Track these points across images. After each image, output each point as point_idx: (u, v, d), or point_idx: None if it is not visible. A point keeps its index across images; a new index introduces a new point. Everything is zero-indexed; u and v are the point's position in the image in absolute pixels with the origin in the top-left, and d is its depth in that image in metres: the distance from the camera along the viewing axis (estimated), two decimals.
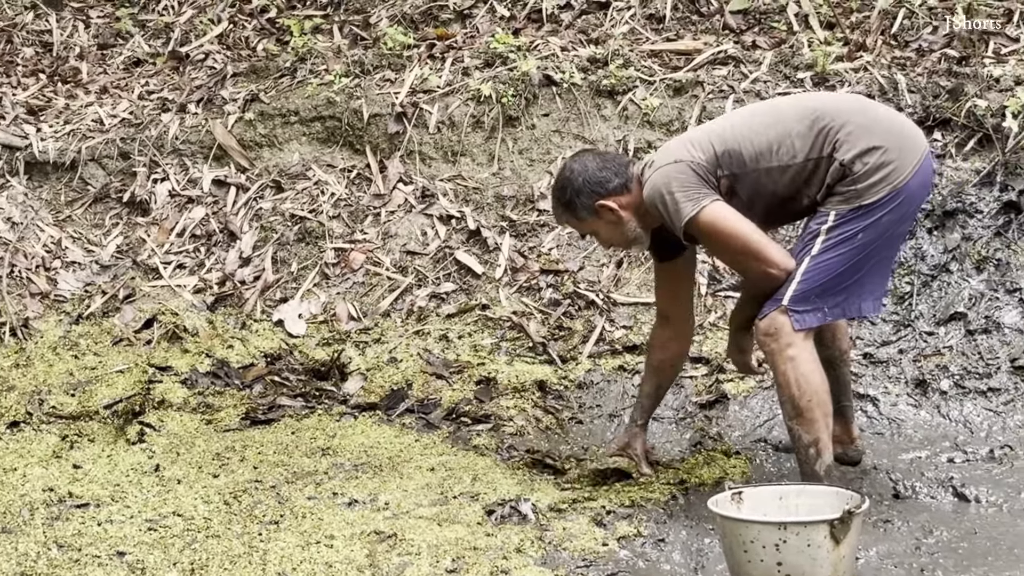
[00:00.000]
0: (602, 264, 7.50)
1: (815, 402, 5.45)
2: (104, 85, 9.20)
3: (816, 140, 5.43)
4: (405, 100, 8.27)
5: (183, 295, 7.86)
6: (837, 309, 5.51)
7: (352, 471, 6.11)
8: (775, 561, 4.59)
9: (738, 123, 5.65)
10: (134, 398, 6.86)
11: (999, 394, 6.50)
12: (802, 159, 5.45)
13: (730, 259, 5.71)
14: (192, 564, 5.10)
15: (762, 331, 5.49)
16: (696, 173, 5.49)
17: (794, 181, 5.50)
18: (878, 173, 5.35)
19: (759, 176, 5.52)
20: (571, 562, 5.15)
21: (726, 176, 5.52)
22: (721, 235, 5.51)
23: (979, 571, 5.03)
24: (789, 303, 5.43)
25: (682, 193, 5.47)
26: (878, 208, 5.37)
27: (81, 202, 8.53)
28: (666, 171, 5.54)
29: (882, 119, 5.50)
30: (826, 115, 5.45)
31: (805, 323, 5.44)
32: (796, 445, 5.53)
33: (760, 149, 5.50)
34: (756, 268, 5.52)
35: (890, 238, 5.49)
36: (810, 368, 5.47)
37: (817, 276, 5.43)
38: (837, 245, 5.41)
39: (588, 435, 6.59)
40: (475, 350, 7.20)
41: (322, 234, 7.99)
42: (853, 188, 5.38)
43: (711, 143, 5.55)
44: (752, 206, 5.55)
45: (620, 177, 5.73)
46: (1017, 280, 6.83)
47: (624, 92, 7.99)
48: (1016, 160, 7.10)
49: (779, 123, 5.52)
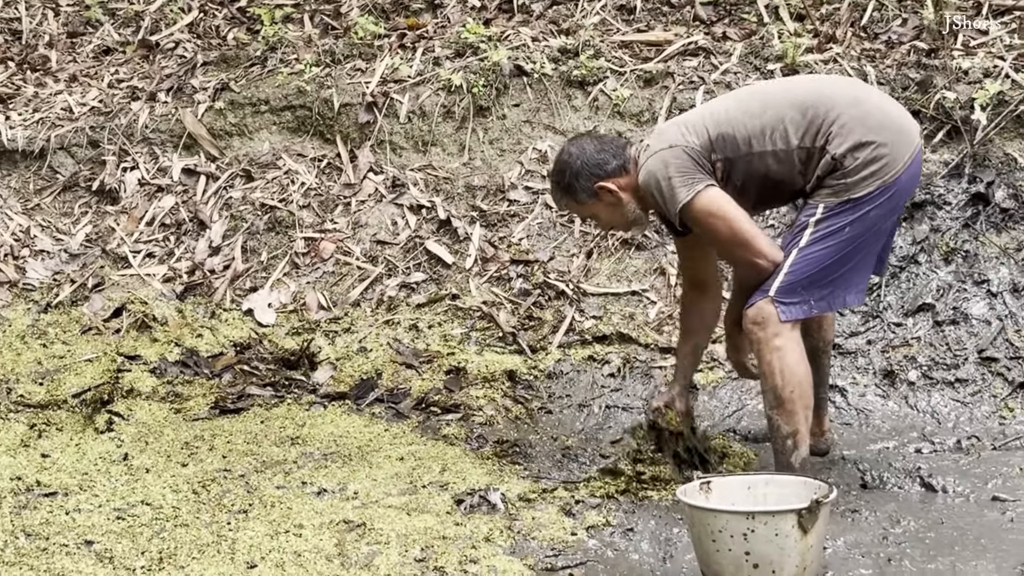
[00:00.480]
0: (572, 255, 7.51)
1: (797, 394, 5.46)
2: (74, 73, 9.16)
3: (809, 129, 5.41)
4: (376, 90, 8.26)
5: (152, 284, 7.84)
6: (823, 302, 5.51)
7: (321, 460, 6.10)
8: (743, 550, 4.60)
9: (732, 106, 5.63)
10: (103, 387, 6.84)
11: (966, 385, 6.54)
12: (795, 145, 5.43)
13: (720, 246, 5.69)
14: (160, 553, 5.08)
15: (750, 319, 5.49)
16: (691, 157, 5.48)
17: (786, 166, 5.48)
18: (869, 168, 5.34)
19: (752, 160, 5.50)
20: (540, 551, 5.16)
21: (720, 160, 5.51)
22: (713, 221, 5.50)
23: (946, 561, 5.05)
24: (776, 294, 5.43)
25: (678, 178, 5.46)
26: (867, 202, 5.36)
27: (50, 190, 8.50)
28: (662, 155, 5.52)
29: (876, 111, 5.47)
30: (821, 104, 5.43)
31: (791, 315, 5.44)
32: (774, 435, 5.53)
33: (753, 133, 5.48)
34: (745, 258, 5.52)
35: (877, 232, 5.49)
36: (795, 359, 5.47)
37: (804, 268, 5.43)
38: (825, 238, 5.40)
39: (557, 425, 6.60)
40: (445, 340, 7.20)
41: (292, 223, 7.98)
42: (843, 182, 5.37)
43: (705, 127, 5.54)
44: (745, 190, 5.55)
45: (618, 159, 5.72)
46: (985, 272, 6.86)
47: (595, 83, 8.00)
48: (984, 152, 7.13)
49: (773, 107, 5.50)
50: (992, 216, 7.00)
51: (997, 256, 6.90)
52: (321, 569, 4.94)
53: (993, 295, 6.79)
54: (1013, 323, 6.69)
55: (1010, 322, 6.69)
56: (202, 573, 4.90)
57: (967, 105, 7.21)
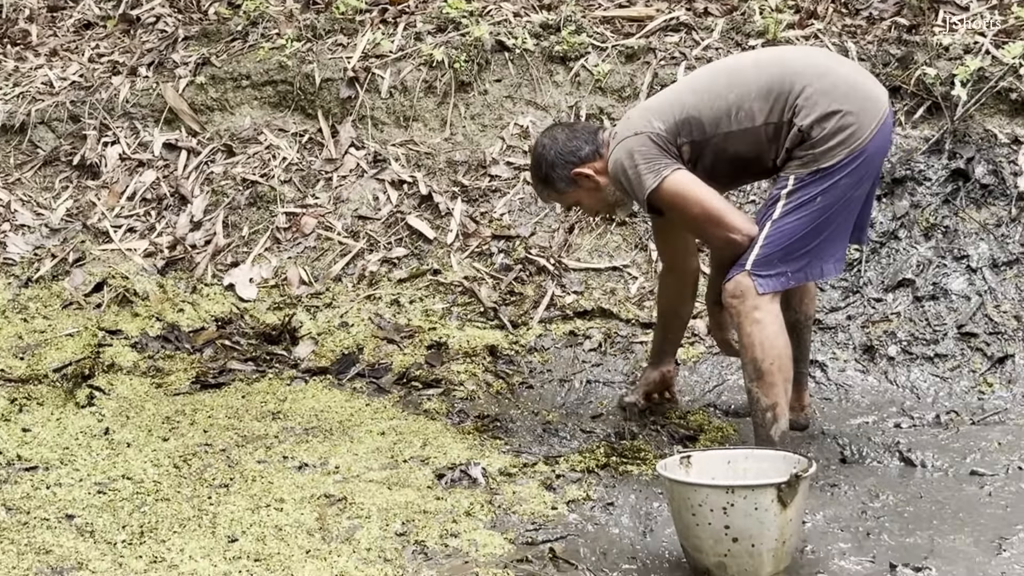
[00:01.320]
0: (554, 230, 7.51)
1: (777, 366, 5.48)
2: (54, 48, 9.14)
3: (775, 105, 5.44)
4: (357, 65, 8.25)
5: (133, 259, 7.83)
6: (800, 273, 5.54)
7: (302, 435, 6.11)
8: (723, 524, 4.62)
9: (700, 87, 5.66)
10: (84, 361, 6.82)
11: (946, 360, 6.56)
12: (761, 122, 5.47)
13: (693, 226, 5.72)
14: (141, 527, 5.08)
15: (728, 293, 5.52)
16: (656, 144, 5.53)
17: (754, 144, 5.52)
18: (836, 137, 5.36)
19: (719, 141, 5.54)
20: (520, 525, 5.17)
21: (687, 144, 5.55)
22: (684, 203, 5.54)
23: (924, 535, 5.07)
24: (752, 267, 5.46)
25: (644, 165, 5.52)
26: (836, 171, 5.39)
27: (30, 165, 8.48)
28: (627, 144, 5.57)
29: (842, 80, 5.48)
30: (786, 80, 5.45)
31: (768, 287, 5.46)
32: (753, 408, 5.55)
33: (719, 114, 5.51)
34: (719, 235, 5.55)
35: (848, 201, 5.50)
36: (775, 331, 5.49)
37: (779, 240, 5.45)
38: (797, 209, 5.43)
39: (538, 400, 6.61)
40: (426, 315, 7.21)
41: (273, 198, 7.97)
42: (811, 152, 5.39)
43: (671, 112, 5.58)
44: (716, 171, 5.59)
45: (591, 144, 5.82)
46: (964, 247, 6.88)
47: (576, 58, 8.00)
48: (964, 128, 7.15)
49: (739, 85, 5.52)
50: (972, 192, 7.02)
51: (977, 232, 6.92)
52: (302, 543, 4.95)
53: (973, 271, 6.81)
54: (992, 299, 6.71)
55: (989, 297, 6.71)
56: (183, 547, 4.90)
57: (947, 81, 7.22)
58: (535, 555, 4.91)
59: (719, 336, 5.96)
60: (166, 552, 4.87)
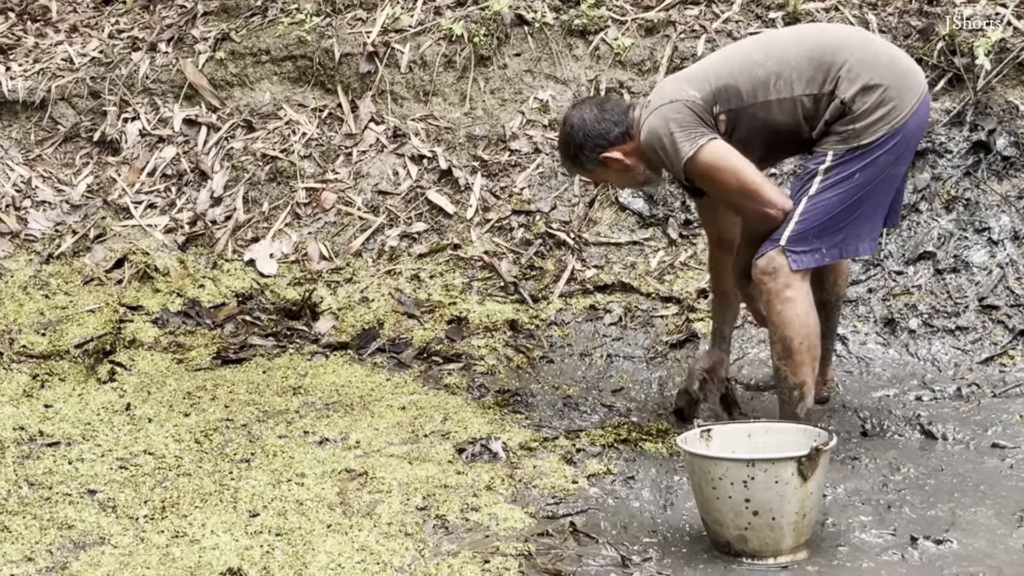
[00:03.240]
0: (574, 204, 7.50)
1: (806, 345, 5.44)
2: (74, 24, 9.14)
3: (816, 75, 5.37)
4: (377, 39, 8.24)
5: (154, 235, 7.84)
6: (835, 250, 5.46)
7: (323, 410, 6.12)
8: (743, 498, 4.62)
9: (736, 56, 5.58)
10: (105, 337, 6.85)
11: (967, 333, 6.54)
12: (800, 92, 5.38)
13: (727, 198, 5.62)
14: (163, 502, 5.11)
15: (760, 269, 5.45)
16: (692, 111, 5.43)
17: (792, 116, 5.43)
18: (877, 112, 5.30)
19: (756, 111, 5.44)
20: (541, 500, 5.18)
21: (724, 112, 5.45)
22: (719, 174, 5.44)
23: (945, 507, 5.07)
24: (787, 243, 5.38)
25: (680, 132, 5.41)
26: (876, 148, 5.32)
27: (51, 141, 8.49)
28: (662, 112, 5.47)
29: (882, 55, 5.42)
30: (827, 50, 5.39)
31: (802, 263, 5.40)
32: (780, 386, 5.52)
33: (757, 83, 5.43)
34: (753, 208, 5.46)
35: (886, 178, 5.44)
36: (806, 310, 5.44)
37: (815, 216, 5.38)
38: (834, 185, 5.36)
39: (559, 374, 6.61)
40: (446, 290, 7.21)
41: (293, 174, 7.98)
42: (851, 127, 5.32)
43: (707, 79, 5.49)
44: (750, 142, 5.49)
45: (620, 126, 5.65)
46: (986, 220, 6.85)
47: (596, 32, 7.97)
48: (986, 100, 7.11)
49: (777, 56, 5.44)
50: (993, 164, 6.99)
51: (998, 204, 6.89)
52: (323, 517, 4.97)
53: (994, 243, 6.79)
54: (1014, 271, 6.68)
55: (1011, 270, 6.69)
56: (204, 522, 4.92)
57: (969, 53, 7.19)
58: (555, 529, 4.92)
59: (752, 307, 5.85)
60: (187, 527, 4.89)
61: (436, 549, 4.74)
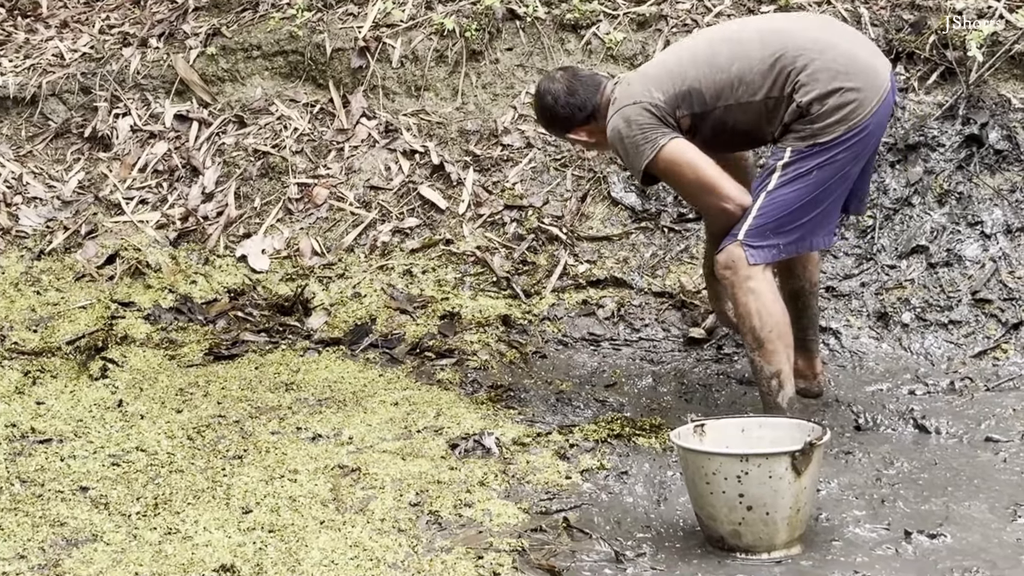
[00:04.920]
0: (566, 199, 7.49)
1: (776, 333, 5.48)
2: (65, 19, 9.12)
3: (777, 79, 5.45)
4: (368, 34, 8.22)
5: (146, 231, 7.83)
6: (792, 246, 5.54)
7: (316, 406, 6.11)
8: (737, 492, 4.62)
9: (701, 58, 5.61)
10: (97, 334, 6.84)
11: (960, 326, 6.54)
12: (762, 96, 5.48)
13: (687, 195, 5.78)
14: (156, 499, 5.10)
15: (721, 264, 5.52)
16: (654, 115, 5.55)
17: (754, 117, 5.53)
18: (836, 114, 5.36)
19: (720, 114, 5.56)
20: (534, 495, 5.17)
21: (687, 116, 5.55)
22: (679, 171, 5.56)
23: (939, 501, 5.07)
24: (745, 237, 5.46)
25: (640, 136, 5.53)
26: (834, 146, 5.39)
27: (42, 137, 8.48)
28: (625, 113, 5.58)
29: (844, 57, 5.45)
30: (788, 51, 5.44)
31: (759, 258, 5.46)
32: (758, 377, 5.56)
33: (720, 87, 5.52)
34: (713, 204, 5.56)
35: (845, 175, 5.50)
36: (771, 299, 5.49)
37: (772, 211, 5.45)
38: (792, 181, 5.43)
39: (551, 369, 6.60)
40: (439, 285, 7.20)
41: (285, 169, 7.96)
42: (810, 127, 5.40)
43: (673, 82, 5.58)
44: (713, 141, 5.60)
45: (584, 110, 5.82)
46: (978, 213, 6.85)
47: (587, 26, 7.96)
48: (979, 93, 7.11)
49: (741, 58, 5.51)
50: (986, 158, 6.99)
51: (991, 197, 6.89)
52: (316, 514, 4.96)
53: (987, 236, 6.79)
54: (1007, 264, 6.68)
55: (1003, 263, 6.69)
56: (197, 519, 4.91)
57: (961, 46, 7.18)
58: (549, 524, 4.92)
59: (716, 307, 5.99)
60: (180, 523, 4.88)
61: (429, 545, 4.74)
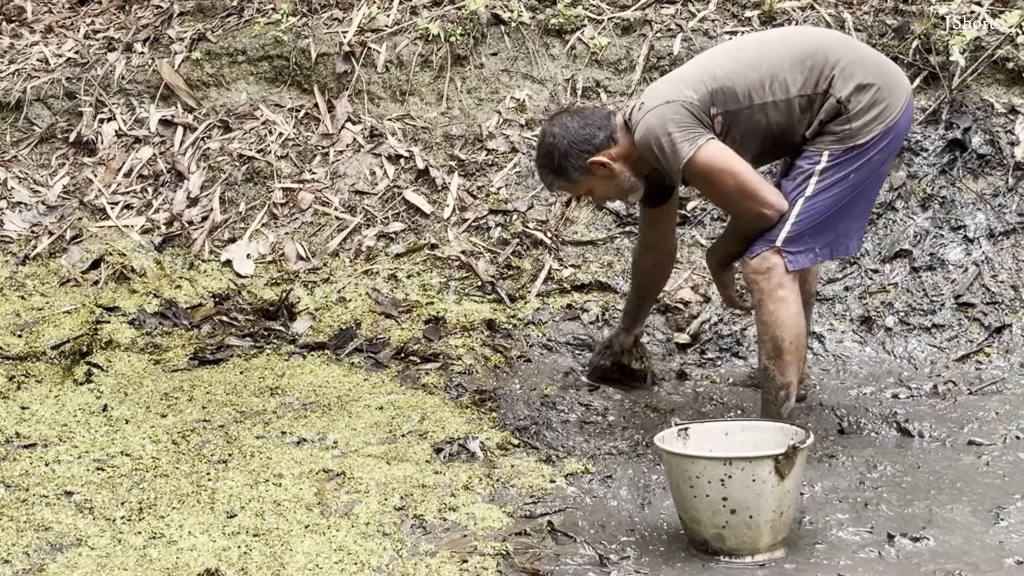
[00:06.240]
0: (551, 204, 7.50)
1: (795, 345, 5.48)
2: (49, 24, 9.12)
3: (810, 76, 5.40)
4: (353, 39, 8.23)
5: (130, 235, 7.82)
6: (827, 249, 5.53)
7: (301, 410, 6.11)
8: (720, 496, 4.63)
9: (725, 61, 5.58)
10: (81, 338, 6.83)
11: (943, 330, 6.56)
12: (795, 94, 5.41)
13: (723, 199, 5.66)
14: (140, 503, 5.10)
15: (753, 268, 5.48)
16: (690, 112, 5.43)
17: (787, 117, 5.46)
18: (872, 111, 5.35)
19: (752, 112, 5.47)
20: (519, 499, 5.18)
21: (720, 114, 5.46)
22: (717, 175, 5.46)
23: (922, 505, 5.08)
24: (783, 244, 5.43)
25: (679, 132, 5.41)
26: (871, 147, 5.38)
27: (27, 142, 8.47)
28: (660, 112, 5.46)
29: (871, 54, 5.54)
30: (819, 51, 5.43)
31: (798, 264, 5.44)
32: (767, 385, 5.54)
33: (752, 85, 5.45)
34: (750, 208, 5.48)
35: (878, 177, 5.52)
36: (795, 311, 5.48)
37: (811, 217, 5.43)
38: (831, 186, 5.40)
39: (536, 373, 6.61)
40: (424, 289, 7.21)
41: (270, 174, 7.96)
42: (848, 127, 5.36)
43: (702, 81, 5.49)
44: (745, 144, 5.51)
45: (604, 130, 5.66)
46: (961, 218, 6.87)
47: (572, 31, 7.98)
48: (961, 98, 7.14)
49: (769, 58, 5.47)
50: (969, 162, 7.01)
51: (974, 202, 6.92)
52: (301, 518, 4.96)
53: (970, 241, 6.81)
54: (989, 268, 6.71)
55: (986, 267, 6.71)
56: (182, 523, 4.91)
57: (944, 51, 7.21)
58: (533, 528, 4.92)
59: (725, 293, 5.91)
60: (165, 528, 4.88)
61: (414, 549, 4.74)
